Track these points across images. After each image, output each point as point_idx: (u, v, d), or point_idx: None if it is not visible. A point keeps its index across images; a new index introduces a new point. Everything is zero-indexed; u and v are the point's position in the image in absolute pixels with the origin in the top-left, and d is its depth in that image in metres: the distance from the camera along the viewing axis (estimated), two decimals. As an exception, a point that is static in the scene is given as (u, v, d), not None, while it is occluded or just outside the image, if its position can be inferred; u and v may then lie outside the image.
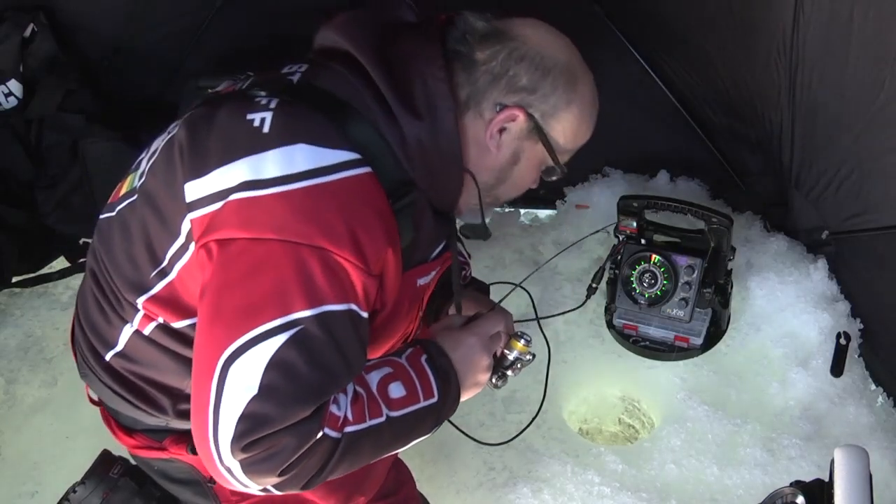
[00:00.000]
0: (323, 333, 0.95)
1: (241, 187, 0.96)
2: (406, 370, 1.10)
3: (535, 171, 1.20)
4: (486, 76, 1.09)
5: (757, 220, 2.08)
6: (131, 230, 1.09)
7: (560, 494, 1.65)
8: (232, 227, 0.96)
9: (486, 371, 1.20)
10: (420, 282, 1.22)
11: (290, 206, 0.95)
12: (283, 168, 0.96)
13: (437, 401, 1.10)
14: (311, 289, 0.95)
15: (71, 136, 1.88)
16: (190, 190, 1.00)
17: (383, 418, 1.04)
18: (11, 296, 2.17)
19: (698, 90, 2.01)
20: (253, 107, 1.02)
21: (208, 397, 0.94)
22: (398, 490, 1.51)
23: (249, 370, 0.93)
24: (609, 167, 2.30)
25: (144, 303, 1.08)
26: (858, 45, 1.35)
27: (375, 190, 1.01)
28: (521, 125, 1.12)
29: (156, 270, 1.06)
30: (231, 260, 0.95)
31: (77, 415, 1.90)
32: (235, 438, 0.92)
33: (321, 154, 0.98)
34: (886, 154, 1.49)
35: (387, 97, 1.04)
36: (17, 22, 1.76)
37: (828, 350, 1.78)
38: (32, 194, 1.94)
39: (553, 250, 2.17)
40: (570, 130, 1.14)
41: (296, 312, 0.94)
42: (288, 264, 0.94)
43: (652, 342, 1.83)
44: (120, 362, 1.15)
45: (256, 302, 0.94)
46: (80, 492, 1.27)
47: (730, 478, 1.64)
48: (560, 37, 1.15)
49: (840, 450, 0.95)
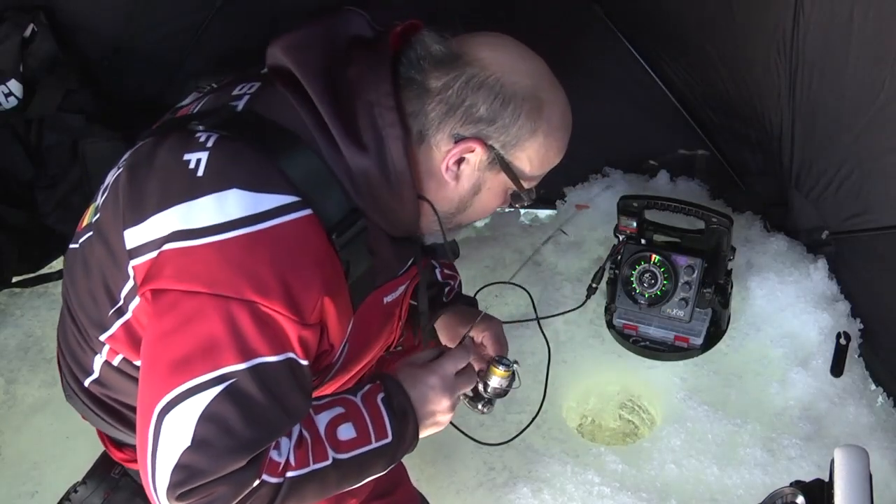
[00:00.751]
0: (257, 386, 0.93)
1: (174, 237, 0.94)
2: (359, 410, 1.07)
3: (500, 199, 1.14)
4: (441, 106, 1.02)
5: (757, 220, 2.08)
6: (90, 267, 1.08)
7: (560, 494, 1.65)
8: (165, 279, 0.94)
9: (447, 411, 1.15)
10: (387, 299, 1.19)
11: (221, 258, 0.93)
12: (215, 216, 0.93)
13: (390, 441, 1.07)
14: (241, 342, 0.93)
15: (71, 136, 1.88)
16: (129, 237, 0.98)
17: (329, 461, 1.02)
18: (11, 296, 2.17)
19: (698, 90, 2.01)
20: (190, 146, 0.99)
21: (146, 444, 0.94)
22: (394, 490, 1.50)
23: (182, 422, 0.92)
24: (609, 167, 2.30)
25: (106, 339, 1.08)
26: (858, 45, 1.35)
27: (314, 234, 0.98)
28: (481, 157, 1.05)
29: (113, 309, 1.05)
30: (164, 311, 0.94)
31: (77, 415, 1.89)
32: (170, 488, 0.92)
33: (255, 200, 0.94)
34: (886, 154, 1.49)
35: (330, 127, 1.00)
36: (17, 22, 1.76)
37: (828, 350, 1.78)
38: (32, 194, 1.93)
39: (553, 250, 2.17)
40: (536, 158, 1.08)
41: (226, 367, 0.92)
42: (217, 318, 0.92)
43: (652, 342, 1.83)
44: (97, 388, 1.15)
45: (187, 355, 0.93)
46: (82, 492, 1.27)
47: (730, 478, 1.64)
48: (526, 58, 1.07)
49: (840, 450, 0.95)
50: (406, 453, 1.13)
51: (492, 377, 1.24)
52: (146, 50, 1.92)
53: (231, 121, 1.03)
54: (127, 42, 1.89)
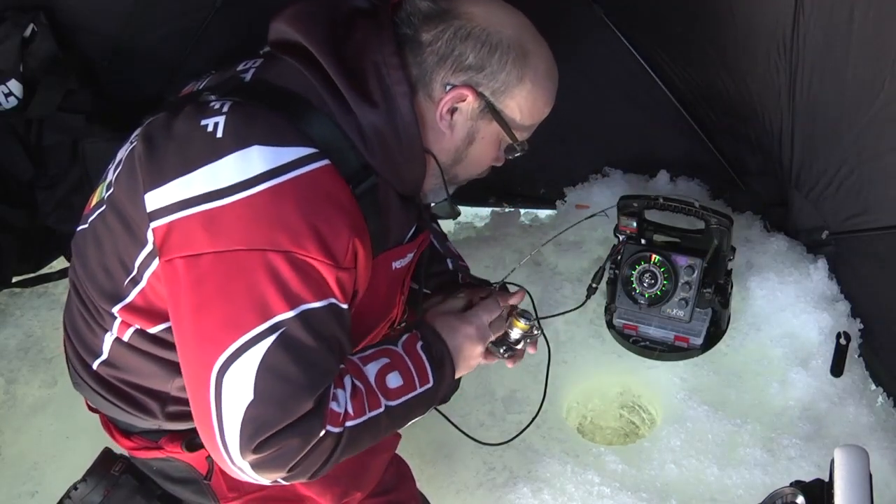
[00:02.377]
0: (306, 331, 0.97)
1: (201, 199, 0.97)
2: (403, 359, 1.13)
3: (494, 149, 1.19)
4: (433, 57, 1.08)
5: (757, 220, 2.08)
6: (102, 241, 1.10)
7: (560, 494, 1.65)
8: (198, 243, 0.96)
9: (478, 357, 1.25)
10: (395, 265, 1.22)
11: (251, 213, 0.96)
12: (239, 174, 0.96)
13: (432, 386, 1.14)
14: (285, 291, 0.96)
15: (71, 136, 1.88)
16: (150, 200, 1.00)
17: (382, 409, 1.07)
18: (11, 296, 2.17)
19: (698, 90, 2.01)
20: (206, 112, 1.02)
21: (209, 410, 0.96)
22: (398, 486, 1.51)
23: (242, 378, 0.95)
24: (609, 167, 2.30)
25: (119, 311, 1.09)
26: (858, 45, 1.35)
27: (335, 182, 1.02)
28: (472, 105, 1.11)
29: (128, 279, 1.07)
30: (202, 276, 0.96)
31: (77, 415, 1.90)
32: (243, 444, 0.95)
33: (276, 153, 0.98)
34: (886, 154, 1.49)
35: (340, 87, 1.04)
36: (17, 22, 1.76)
37: (828, 350, 1.78)
38: (32, 194, 1.93)
39: (553, 250, 2.17)
40: (525, 106, 1.13)
41: (276, 316, 0.96)
42: (259, 271, 0.95)
43: (652, 342, 1.83)
44: (106, 370, 1.17)
45: (236, 312, 0.96)
46: (82, 489, 1.27)
47: (730, 478, 1.64)
48: (509, 12, 1.13)
49: (840, 450, 0.95)
50: (445, 399, 1.22)
51: (513, 328, 1.34)
52: (146, 50, 1.91)
53: (241, 89, 1.08)
54: (127, 42, 1.89)
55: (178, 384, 1.14)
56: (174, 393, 1.15)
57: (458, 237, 2.39)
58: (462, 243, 2.30)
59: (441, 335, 1.19)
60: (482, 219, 2.47)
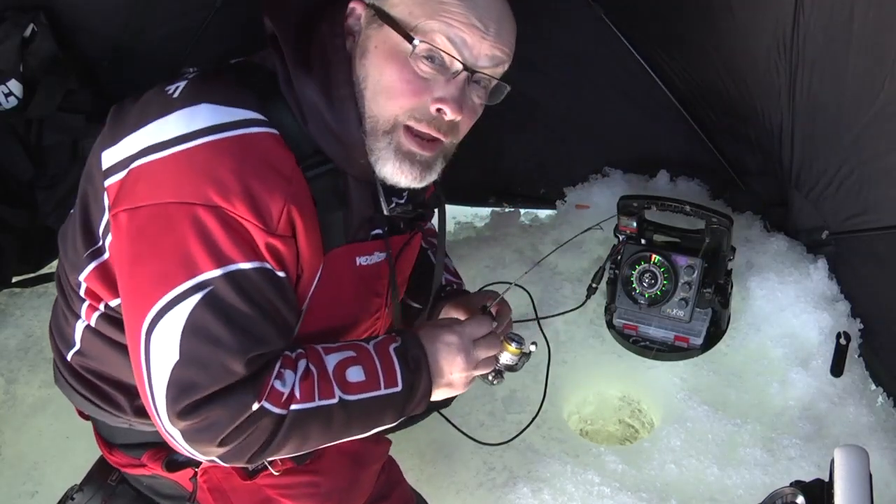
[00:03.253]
0: (235, 291, 0.95)
1: (144, 152, 0.97)
2: (370, 356, 1.08)
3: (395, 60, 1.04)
4: None
5: (757, 220, 2.08)
6: (76, 217, 1.11)
7: (560, 494, 1.65)
8: (136, 195, 0.96)
9: (462, 371, 1.15)
10: (360, 261, 1.18)
11: (186, 165, 0.95)
12: (182, 127, 0.97)
13: (400, 390, 1.08)
14: (212, 248, 0.94)
15: (71, 136, 1.88)
16: (105, 158, 1.02)
17: (335, 399, 1.02)
18: (11, 296, 2.17)
19: (698, 90, 2.01)
20: (175, 80, 1.04)
21: (141, 369, 0.95)
22: (390, 493, 1.50)
23: (168, 337, 0.93)
24: (609, 167, 2.30)
25: (84, 279, 1.08)
26: (858, 45, 1.35)
27: (277, 149, 1.00)
28: (364, 15, 1.07)
29: (92, 248, 1.07)
30: (139, 228, 0.96)
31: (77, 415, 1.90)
32: (168, 405, 0.93)
33: (222, 112, 0.98)
34: (886, 154, 1.49)
35: (287, 60, 1.04)
36: (17, 22, 1.76)
37: (828, 350, 1.78)
38: (32, 194, 1.93)
39: (553, 250, 2.17)
40: (414, 2, 1.03)
41: (203, 274, 0.94)
42: (187, 225, 0.94)
43: (652, 342, 1.83)
44: (78, 360, 1.17)
45: (164, 267, 0.94)
46: (79, 498, 1.27)
47: (730, 478, 1.64)
48: None
49: (840, 450, 0.95)
50: (417, 410, 1.13)
51: (503, 353, 1.25)
52: (146, 50, 1.91)
53: (220, 63, 1.10)
54: (127, 42, 1.89)
55: None
56: None
57: (458, 237, 2.39)
58: (462, 243, 2.30)
59: (421, 342, 1.13)
60: (482, 219, 2.47)
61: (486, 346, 1.18)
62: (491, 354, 1.20)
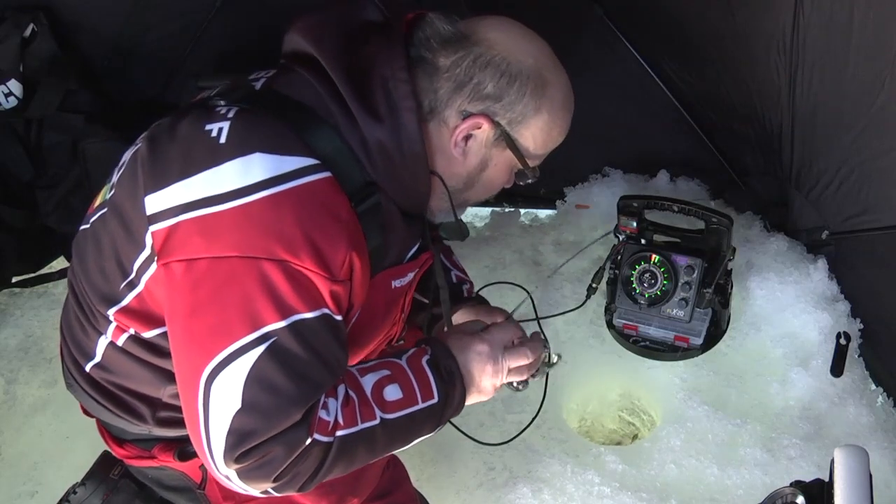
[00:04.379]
0: (297, 342, 0.96)
1: (200, 204, 0.96)
2: (404, 372, 1.10)
3: (506, 175, 1.18)
4: (450, 83, 1.07)
5: (757, 220, 2.08)
6: (102, 243, 1.09)
7: (560, 494, 1.65)
8: (194, 247, 0.96)
9: (492, 377, 1.18)
10: (395, 283, 1.20)
11: (248, 221, 0.95)
12: (239, 180, 0.96)
13: (436, 402, 1.10)
14: (277, 300, 0.95)
15: (71, 136, 1.88)
16: (150, 203, 1.00)
17: (377, 421, 1.04)
18: (11, 296, 2.17)
19: (698, 90, 2.01)
20: (212, 117, 1.02)
21: (198, 415, 0.96)
22: (394, 490, 1.51)
23: (230, 387, 0.94)
24: (609, 167, 2.30)
25: (115, 314, 1.09)
26: (858, 45, 1.35)
27: (335, 195, 1.00)
28: (488, 133, 1.09)
29: (125, 282, 1.06)
30: (197, 280, 0.96)
31: (77, 415, 1.87)
32: (227, 451, 0.94)
33: (277, 162, 0.97)
34: (886, 154, 1.49)
35: (347, 100, 1.03)
36: (17, 22, 1.76)
37: (828, 350, 1.78)
38: (32, 194, 1.93)
39: (553, 250, 2.17)
40: (539, 136, 1.12)
41: (266, 326, 0.95)
42: (251, 279, 0.94)
43: (652, 342, 1.83)
44: (99, 373, 1.16)
45: (227, 320, 0.95)
46: (81, 493, 1.27)
47: (730, 478, 1.64)
48: (530, 39, 1.12)
49: (840, 450, 0.95)
50: (453, 416, 1.16)
51: None
52: (146, 50, 1.92)
53: (250, 96, 1.07)
54: (127, 42, 1.89)
55: (170, 391, 1.13)
56: (166, 399, 1.15)
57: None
58: (462, 243, 2.30)
59: (452, 352, 1.15)
60: (482, 219, 2.48)
61: (515, 355, 1.20)
62: (520, 363, 1.22)
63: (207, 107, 1.06)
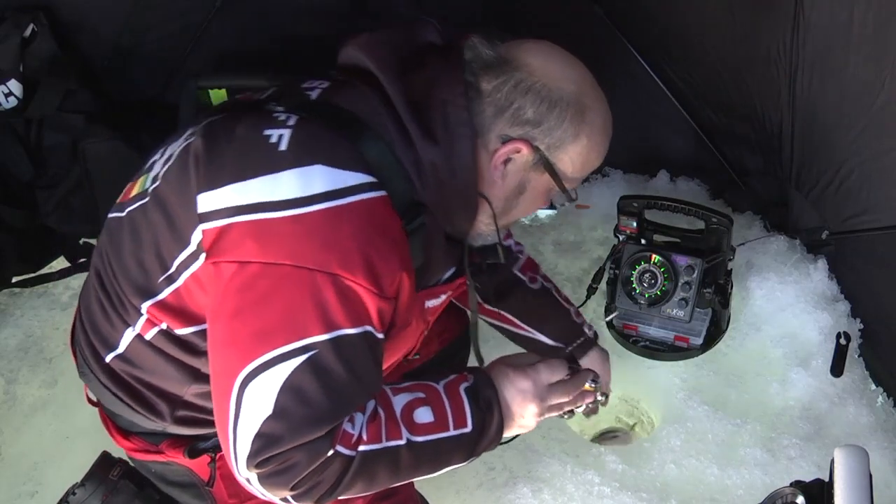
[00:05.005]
0: (337, 358, 0.96)
1: (255, 208, 0.96)
2: (439, 396, 1.09)
3: (543, 198, 1.19)
4: (491, 107, 1.07)
5: (757, 220, 2.09)
6: (141, 234, 1.08)
7: (560, 494, 1.65)
8: (247, 251, 0.96)
9: (534, 415, 1.16)
10: (429, 304, 1.21)
11: (305, 231, 0.95)
12: (298, 190, 0.96)
13: (469, 431, 1.08)
14: (325, 314, 0.95)
15: (71, 136, 1.88)
16: (203, 201, 0.99)
17: (402, 441, 1.03)
18: (11, 296, 2.17)
19: (698, 90, 2.01)
20: (271, 122, 1.02)
21: (228, 415, 0.96)
22: (396, 491, 1.50)
23: (264, 392, 0.94)
24: (609, 167, 2.30)
25: (149, 308, 1.08)
26: (858, 45, 1.35)
27: (389, 214, 1.01)
28: (527, 157, 1.10)
29: (163, 276, 1.05)
30: (247, 283, 0.96)
31: (77, 415, 1.90)
32: (251, 455, 0.94)
33: (337, 176, 0.97)
34: (886, 154, 1.49)
35: (404, 119, 1.04)
36: (17, 22, 1.76)
37: (828, 350, 1.78)
38: (32, 194, 1.93)
39: (553, 250, 2.17)
40: (578, 161, 1.13)
41: (310, 337, 0.95)
42: (303, 290, 0.95)
43: (652, 342, 1.83)
44: (119, 364, 1.15)
45: (271, 325, 0.95)
46: (80, 494, 1.26)
47: (730, 478, 1.64)
48: (571, 65, 1.12)
49: (840, 450, 0.95)
50: (488, 449, 1.13)
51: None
52: (146, 50, 1.91)
53: (307, 105, 1.07)
54: (127, 42, 1.89)
55: (193, 390, 1.13)
56: (188, 398, 1.14)
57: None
58: (462, 243, 2.30)
59: (494, 383, 1.13)
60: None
61: (561, 392, 1.19)
62: (565, 401, 1.20)
63: (264, 110, 1.06)
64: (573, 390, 1.21)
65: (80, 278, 2.15)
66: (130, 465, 1.32)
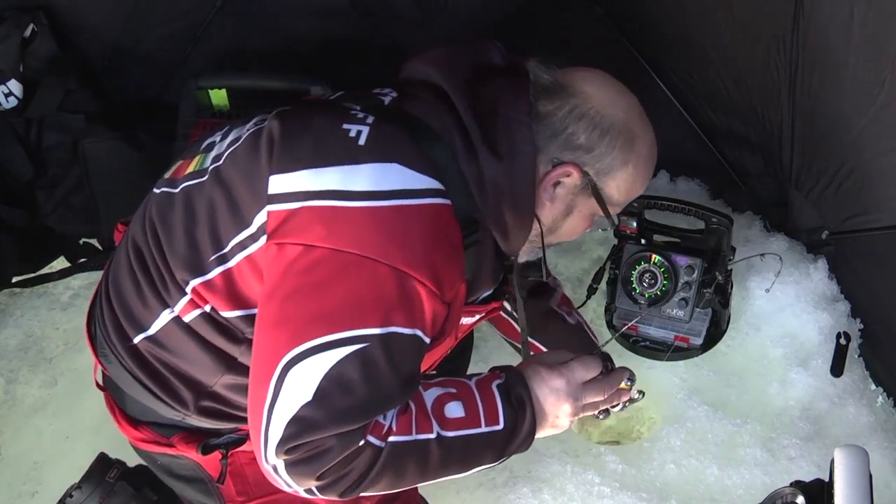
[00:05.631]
0: (384, 353, 0.96)
1: (329, 195, 0.97)
2: (471, 392, 1.09)
3: (587, 222, 1.22)
4: (546, 131, 1.10)
5: (757, 220, 2.08)
6: (197, 210, 1.08)
7: (560, 494, 1.65)
8: (315, 235, 0.96)
9: (568, 416, 1.15)
10: (464, 320, 1.22)
11: (375, 224, 0.96)
12: (374, 184, 0.97)
13: (501, 428, 1.08)
14: (383, 308, 0.96)
15: (71, 136, 1.88)
16: (274, 182, 1.00)
17: (432, 435, 1.03)
18: (11, 296, 2.17)
19: (698, 90, 2.01)
20: (349, 118, 1.04)
21: (265, 396, 0.95)
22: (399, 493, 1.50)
23: (308, 377, 0.94)
24: (609, 167, 2.29)
25: (196, 287, 1.07)
26: (858, 45, 1.35)
27: (452, 222, 1.03)
28: (576, 181, 1.12)
29: (215, 255, 1.05)
30: (310, 267, 0.96)
31: (77, 415, 1.90)
32: (283, 440, 0.94)
33: (412, 177, 0.99)
34: (886, 154, 1.49)
35: (470, 133, 1.05)
36: (17, 22, 1.76)
37: (828, 350, 1.78)
38: (32, 194, 1.93)
39: (553, 250, 2.15)
40: (624, 187, 1.16)
41: (364, 329, 0.95)
42: (366, 280, 0.95)
43: (652, 342, 1.83)
44: (148, 346, 1.13)
45: (327, 311, 0.95)
46: (77, 496, 1.27)
47: (730, 478, 1.64)
48: (621, 93, 1.16)
49: (840, 450, 0.95)
50: (520, 450, 1.13)
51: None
52: (146, 50, 1.92)
53: (381, 108, 1.10)
54: (127, 42, 1.89)
55: (225, 380, 1.12)
56: (216, 388, 1.13)
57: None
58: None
59: (527, 381, 1.12)
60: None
61: (595, 391, 1.17)
62: (599, 399, 1.18)
63: (340, 106, 1.09)
64: (608, 389, 1.19)
65: (81, 278, 2.15)
66: (128, 467, 1.32)
